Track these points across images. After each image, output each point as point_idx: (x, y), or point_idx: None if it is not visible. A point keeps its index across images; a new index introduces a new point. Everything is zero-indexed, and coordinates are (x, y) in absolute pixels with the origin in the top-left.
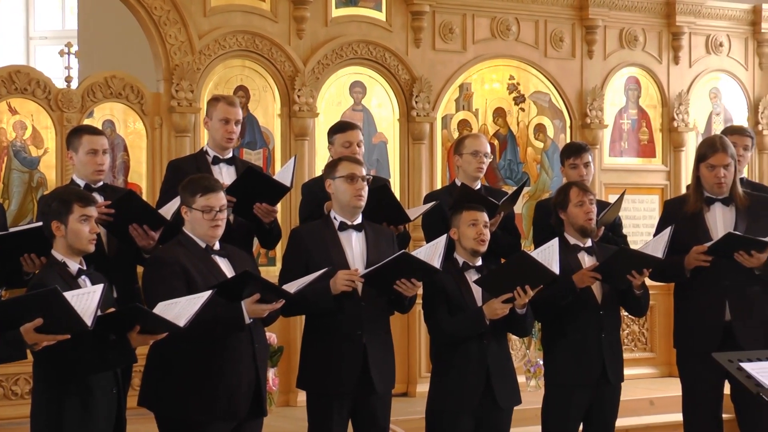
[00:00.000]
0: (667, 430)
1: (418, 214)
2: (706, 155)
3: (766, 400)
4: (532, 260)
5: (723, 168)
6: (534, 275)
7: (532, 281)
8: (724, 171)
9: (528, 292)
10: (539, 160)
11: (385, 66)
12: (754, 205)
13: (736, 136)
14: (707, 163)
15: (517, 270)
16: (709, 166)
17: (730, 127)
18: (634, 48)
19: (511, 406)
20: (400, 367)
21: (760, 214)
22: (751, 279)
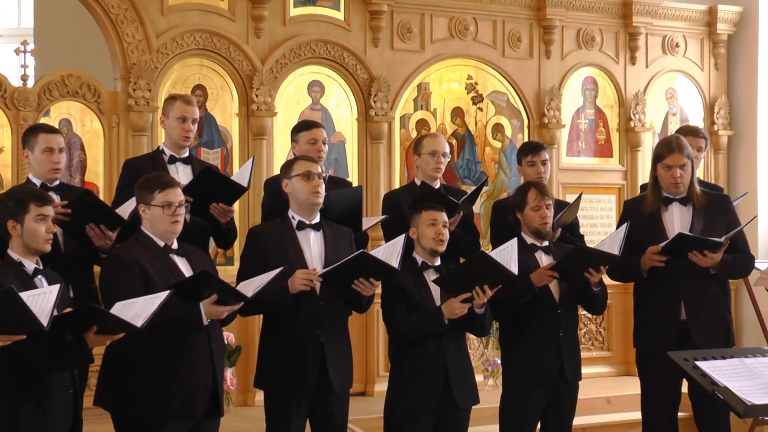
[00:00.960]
0: (623, 429)
1: (368, 225)
2: (662, 155)
3: (720, 398)
4: (491, 260)
5: (679, 168)
6: (493, 275)
7: (491, 281)
8: (681, 171)
9: (486, 292)
10: (497, 159)
11: (344, 65)
12: (711, 204)
13: (690, 137)
14: (664, 163)
15: (476, 270)
16: (666, 166)
17: (684, 127)
18: (591, 48)
19: (469, 406)
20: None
21: (716, 214)
22: (706, 279)
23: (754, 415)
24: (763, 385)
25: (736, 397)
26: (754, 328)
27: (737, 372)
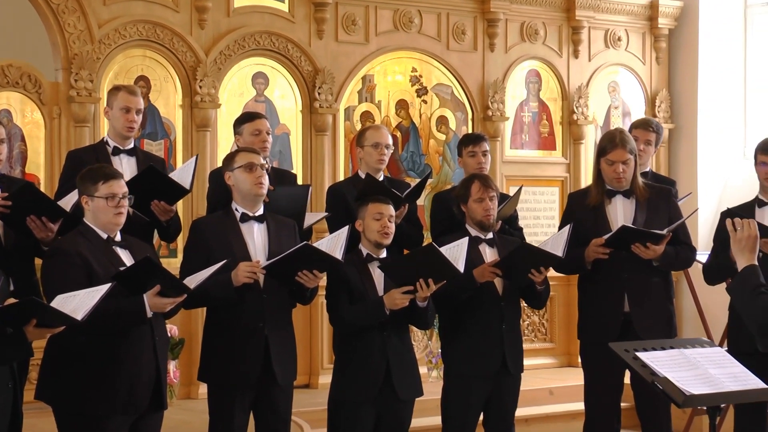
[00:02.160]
0: (566, 419)
1: (309, 223)
2: (605, 150)
3: (660, 388)
4: (440, 255)
5: (622, 164)
6: (438, 270)
7: (436, 276)
8: (623, 167)
9: (430, 286)
10: (441, 152)
11: (288, 57)
12: (653, 197)
13: (640, 130)
14: (607, 158)
15: (423, 262)
16: (609, 161)
17: (637, 121)
18: (534, 41)
19: (410, 398)
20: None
21: (659, 206)
22: (649, 271)
23: (692, 404)
24: (702, 376)
25: (676, 388)
26: (694, 320)
27: (677, 363)
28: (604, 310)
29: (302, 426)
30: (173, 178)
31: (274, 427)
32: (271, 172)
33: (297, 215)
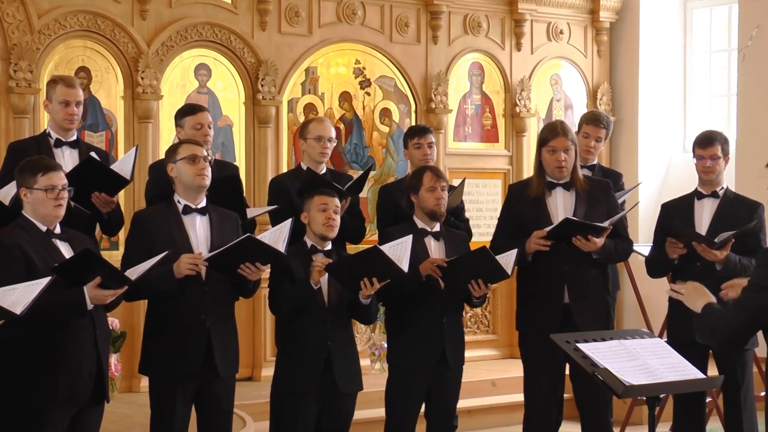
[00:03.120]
0: (508, 411)
1: (255, 214)
2: (547, 139)
3: (600, 379)
4: (383, 256)
5: (563, 152)
6: (382, 270)
7: (380, 275)
8: (565, 155)
9: (375, 285)
10: (385, 144)
11: (231, 49)
12: (593, 189)
13: (591, 126)
14: (548, 147)
15: (367, 263)
16: (550, 149)
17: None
18: (477, 34)
19: (351, 391)
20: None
21: (598, 199)
22: (589, 263)
23: (632, 395)
24: (641, 366)
25: (616, 378)
26: (635, 311)
27: (617, 354)
28: (544, 302)
29: (245, 419)
30: (113, 169)
31: (216, 419)
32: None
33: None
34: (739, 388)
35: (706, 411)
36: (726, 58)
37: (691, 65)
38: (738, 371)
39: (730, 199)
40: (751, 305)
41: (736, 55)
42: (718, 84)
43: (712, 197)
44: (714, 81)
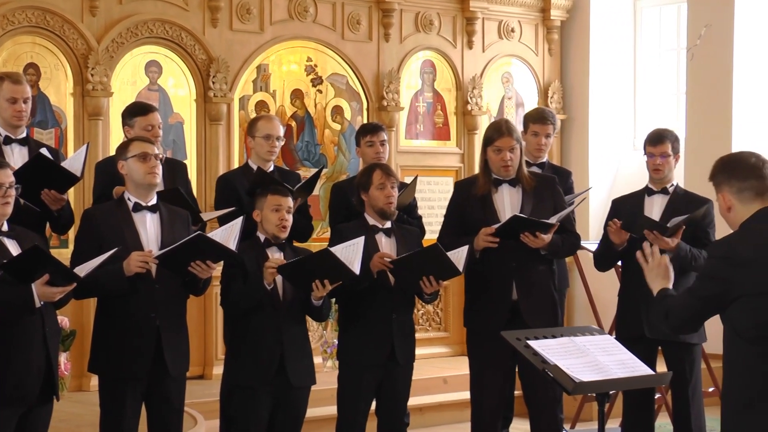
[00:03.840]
0: (459, 408)
1: (210, 218)
2: (492, 138)
3: (551, 376)
4: (335, 258)
5: (509, 151)
6: (334, 272)
7: (332, 277)
8: (510, 154)
9: (326, 286)
10: (336, 141)
11: (182, 45)
12: (539, 186)
13: (539, 125)
14: (494, 146)
15: (318, 265)
16: (496, 149)
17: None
18: (429, 32)
19: (304, 386)
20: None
21: (544, 195)
22: (536, 259)
23: (582, 391)
24: (591, 363)
25: (566, 375)
26: (585, 308)
27: (567, 350)
28: (493, 299)
29: (196, 417)
30: (64, 166)
31: (166, 418)
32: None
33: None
34: (688, 383)
35: (655, 407)
36: (675, 57)
37: (641, 64)
38: (686, 367)
39: (680, 196)
40: (701, 295)
41: (686, 53)
42: (668, 82)
43: (662, 194)
44: (663, 79)
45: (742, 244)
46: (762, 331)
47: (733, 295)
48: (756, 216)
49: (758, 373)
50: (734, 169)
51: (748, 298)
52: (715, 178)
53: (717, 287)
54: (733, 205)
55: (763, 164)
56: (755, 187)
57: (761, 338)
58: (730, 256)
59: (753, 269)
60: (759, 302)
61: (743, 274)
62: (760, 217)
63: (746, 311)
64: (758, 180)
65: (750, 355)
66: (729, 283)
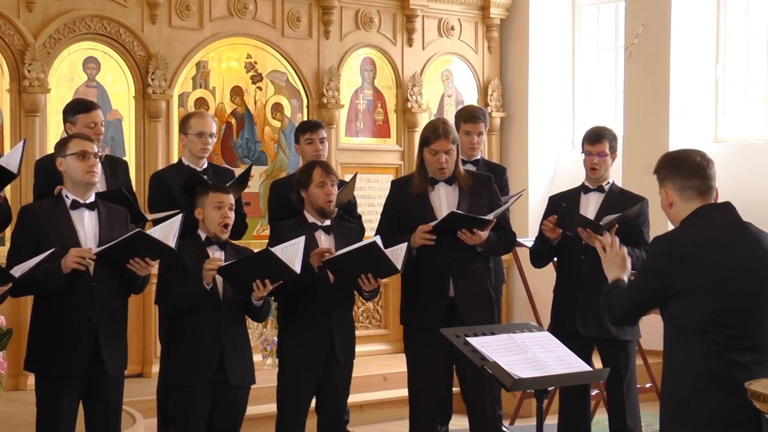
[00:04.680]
0: (399, 405)
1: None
2: (429, 140)
3: (490, 373)
4: (275, 258)
5: (444, 154)
6: (275, 272)
7: (272, 277)
8: (446, 156)
9: (267, 286)
10: (276, 139)
11: (120, 42)
12: (475, 184)
13: (470, 124)
14: (430, 148)
15: (259, 265)
16: (432, 151)
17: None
18: (369, 29)
19: (243, 384)
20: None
21: (480, 193)
22: (473, 256)
23: (521, 388)
24: (530, 360)
25: (505, 372)
26: (524, 305)
27: (506, 347)
28: (430, 296)
29: (134, 416)
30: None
31: (104, 417)
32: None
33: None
34: (622, 380)
35: (592, 403)
36: (613, 56)
37: (580, 62)
38: (621, 363)
39: (616, 194)
40: (643, 289)
41: (623, 52)
42: (606, 81)
43: (598, 191)
44: (602, 78)
45: (683, 240)
46: (702, 325)
47: (674, 290)
48: (697, 213)
49: (698, 369)
50: (680, 167)
51: (689, 293)
52: (659, 173)
53: (658, 282)
54: (675, 201)
55: (708, 164)
56: (698, 186)
57: (701, 333)
58: (672, 251)
59: (693, 265)
60: (699, 297)
61: (684, 269)
62: (700, 214)
63: (687, 306)
64: (702, 180)
65: (690, 351)
66: (670, 278)
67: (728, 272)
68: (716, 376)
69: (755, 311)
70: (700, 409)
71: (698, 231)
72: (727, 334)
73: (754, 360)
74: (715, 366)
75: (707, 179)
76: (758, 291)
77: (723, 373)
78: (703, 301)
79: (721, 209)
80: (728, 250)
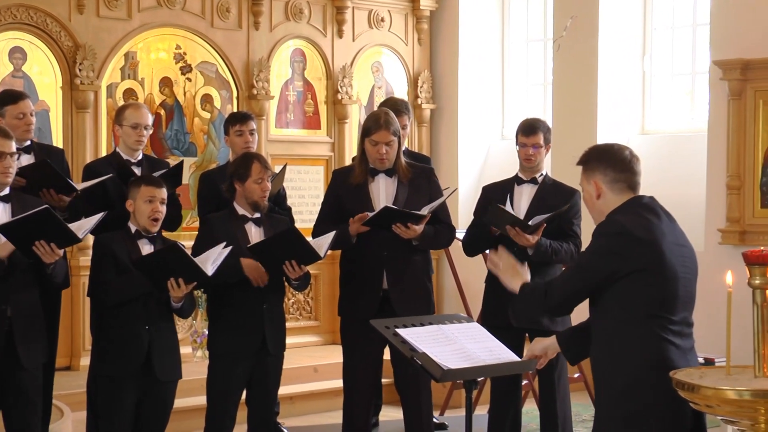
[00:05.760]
0: (330, 396)
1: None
2: (370, 131)
3: (419, 364)
4: (187, 258)
5: (385, 145)
6: (187, 271)
7: (186, 276)
8: (387, 148)
9: (182, 286)
10: (206, 130)
11: (47, 32)
12: (415, 176)
13: None
14: (371, 139)
15: (171, 264)
16: (373, 141)
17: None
18: (299, 21)
19: (170, 379)
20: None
21: (420, 186)
22: (408, 249)
23: (450, 378)
24: (459, 351)
25: (434, 363)
26: (454, 296)
27: (435, 338)
28: (364, 288)
29: (63, 409)
30: None
31: (23, 411)
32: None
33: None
34: (553, 370)
35: (522, 393)
36: (542, 48)
37: (509, 54)
38: None
39: (549, 186)
40: (591, 273)
41: (552, 44)
42: (535, 73)
43: (531, 183)
44: (531, 70)
45: (634, 224)
46: (650, 308)
47: (626, 271)
48: (633, 203)
49: (641, 355)
50: (611, 160)
51: (640, 275)
52: (588, 164)
53: (611, 264)
54: (605, 193)
55: (636, 160)
56: (629, 179)
57: (649, 316)
58: (625, 232)
59: (647, 246)
60: (650, 279)
61: (639, 250)
62: (635, 204)
63: (638, 288)
64: (632, 174)
65: (634, 336)
66: (625, 259)
67: (670, 258)
68: (659, 360)
69: (687, 300)
70: (643, 394)
71: (643, 217)
72: (670, 319)
73: (686, 343)
74: (658, 351)
75: (636, 174)
76: (690, 280)
77: (667, 356)
78: (653, 283)
79: (653, 201)
80: (669, 237)
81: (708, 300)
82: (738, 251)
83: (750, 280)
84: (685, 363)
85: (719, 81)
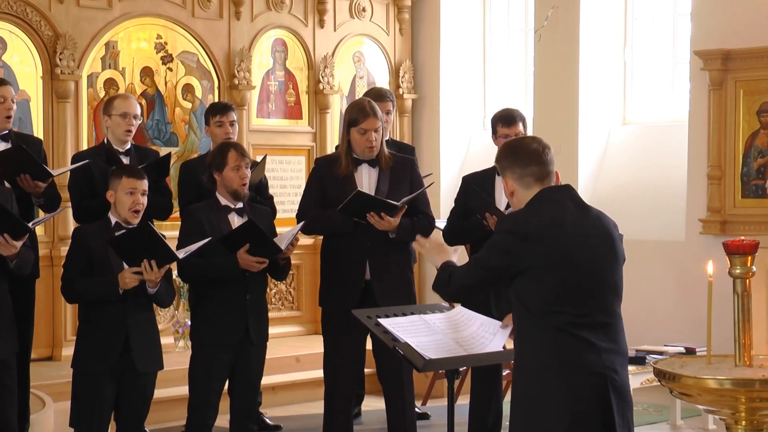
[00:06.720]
0: (312, 386)
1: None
2: (357, 120)
3: (401, 353)
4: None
5: (374, 132)
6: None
7: (159, 260)
8: (375, 135)
9: (154, 269)
10: (187, 120)
11: (27, 21)
12: (396, 166)
13: (378, 102)
14: (360, 128)
15: (144, 244)
16: (361, 130)
17: (372, 91)
18: (281, 10)
19: (150, 371)
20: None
21: (401, 176)
22: (391, 241)
23: (432, 368)
24: (440, 341)
25: (416, 353)
26: None
27: (417, 328)
28: (346, 278)
29: (44, 399)
30: None
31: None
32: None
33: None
34: None
35: (504, 383)
36: (524, 38)
37: (491, 44)
38: None
39: None
40: (486, 265)
41: (533, 35)
42: (517, 63)
43: None
44: (512, 60)
45: (526, 220)
46: (548, 305)
47: (519, 268)
48: (538, 197)
49: (546, 348)
50: (516, 156)
51: (534, 271)
52: (499, 163)
53: (503, 260)
54: (516, 190)
55: (544, 149)
56: (535, 173)
57: (548, 312)
58: (516, 230)
59: (537, 243)
60: (544, 275)
61: (528, 248)
62: (541, 197)
63: (533, 285)
64: (538, 166)
65: (539, 330)
66: (516, 257)
67: (570, 251)
68: (564, 353)
69: (595, 291)
70: (549, 387)
71: (541, 211)
72: (572, 312)
73: (599, 337)
74: (562, 344)
75: (544, 165)
76: (599, 270)
77: (571, 351)
78: (547, 279)
79: (561, 191)
80: (570, 229)
81: (689, 289)
82: (719, 241)
83: (731, 269)
84: (595, 356)
85: (700, 71)
